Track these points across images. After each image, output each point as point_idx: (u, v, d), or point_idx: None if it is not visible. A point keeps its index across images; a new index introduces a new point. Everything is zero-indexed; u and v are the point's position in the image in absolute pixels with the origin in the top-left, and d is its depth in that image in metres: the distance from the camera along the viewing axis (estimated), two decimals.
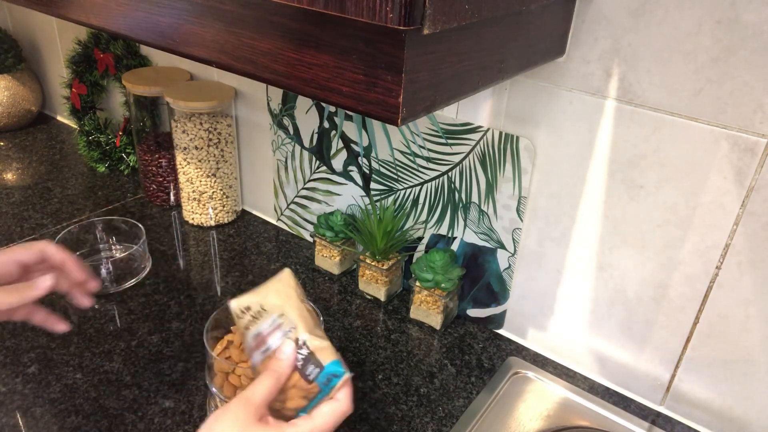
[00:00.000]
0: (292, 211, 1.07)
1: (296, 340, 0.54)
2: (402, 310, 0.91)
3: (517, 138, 0.74)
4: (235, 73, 0.51)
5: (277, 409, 0.54)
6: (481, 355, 0.83)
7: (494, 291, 0.85)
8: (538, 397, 0.77)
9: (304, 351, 0.53)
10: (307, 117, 0.95)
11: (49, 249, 0.67)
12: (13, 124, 1.44)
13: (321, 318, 0.71)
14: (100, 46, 1.19)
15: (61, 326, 0.68)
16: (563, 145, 0.71)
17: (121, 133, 1.24)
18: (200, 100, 0.97)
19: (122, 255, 0.97)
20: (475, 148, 0.78)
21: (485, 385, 0.78)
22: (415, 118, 0.43)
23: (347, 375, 0.53)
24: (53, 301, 0.88)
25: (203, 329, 0.67)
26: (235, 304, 0.57)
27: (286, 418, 0.53)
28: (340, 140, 0.93)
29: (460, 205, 0.83)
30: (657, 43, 0.61)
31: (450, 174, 0.82)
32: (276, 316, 0.55)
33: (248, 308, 0.57)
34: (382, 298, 0.92)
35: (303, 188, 1.03)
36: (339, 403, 0.53)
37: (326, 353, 0.54)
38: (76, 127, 1.35)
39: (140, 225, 0.97)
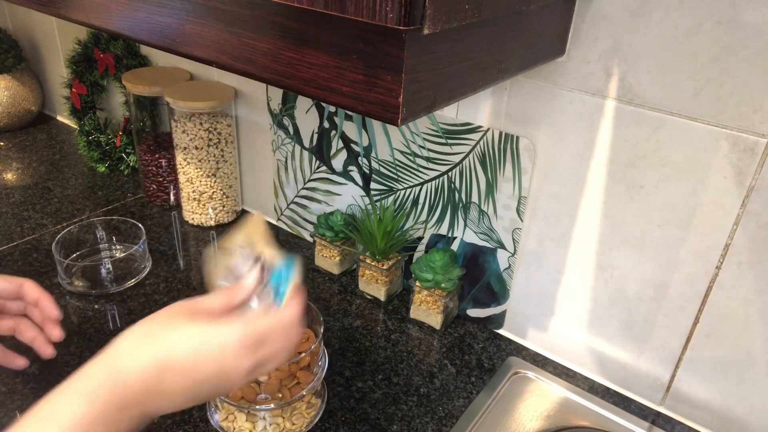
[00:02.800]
0: (292, 211, 1.07)
1: (257, 259, 0.51)
2: (402, 310, 0.91)
3: (517, 138, 0.74)
4: (235, 73, 0.51)
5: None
6: (481, 355, 0.83)
7: (494, 291, 0.85)
8: (538, 397, 0.77)
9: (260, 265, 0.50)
10: (307, 117, 0.95)
11: (27, 286, 0.67)
12: (13, 124, 1.44)
13: (321, 319, 0.71)
14: (100, 46, 1.19)
15: (20, 362, 0.68)
16: (563, 145, 0.71)
17: (121, 133, 1.24)
18: (200, 100, 0.97)
19: (122, 255, 0.97)
20: (475, 148, 0.78)
21: (485, 385, 0.78)
22: (415, 118, 0.43)
23: (294, 275, 0.48)
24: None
25: None
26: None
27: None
28: (340, 140, 0.93)
29: (460, 205, 0.83)
30: (657, 43, 0.61)
31: (450, 174, 0.82)
32: (244, 250, 0.54)
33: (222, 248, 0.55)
34: (382, 298, 0.92)
35: (303, 188, 1.03)
36: (282, 310, 0.48)
37: (278, 258, 0.50)
38: (76, 127, 1.35)
39: (140, 225, 0.97)
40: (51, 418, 0.43)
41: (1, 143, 1.39)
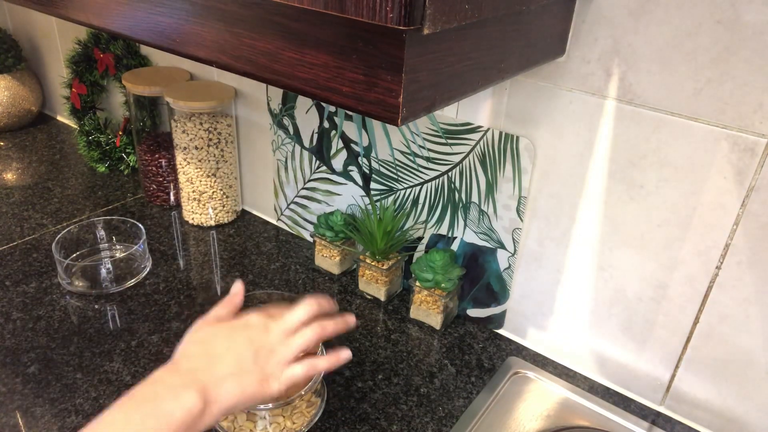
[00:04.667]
0: (292, 211, 1.07)
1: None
2: (402, 310, 0.91)
3: (517, 138, 0.74)
4: (235, 73, 0.51)
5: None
6: (481, 355, 0.83)
7: (494, 291, 0.85)
8: (538, 397, 0.77)
9: None
10: (307, 117, 0.95)
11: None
12: (13, 124, 1.44)
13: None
14: (100, 46, 1.19)
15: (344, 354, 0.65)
16: (563, 145, 0.71)
17: (121, 133, 1.24)
18: (200, 100, 0.97)
19: (122, 255, 0.97)
20: (475, 148, 0.78)
21: (485, 385, 0.78)
22: (415, 118, 0.43)
23: None
24: (54, 301, 0.88)
25: None
26: None
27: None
28: (340, 140, 0.93)
29: (460, 205, 0.83)
30: (657, 43, 0.61)
31: (450, 174, 0.82)
32: None
33: None
34: (382, 298, 0.92)
35: (303, 188, 1.03)
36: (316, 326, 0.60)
37: None
38: (76, 127, 1.35)
39: (140, 225, 0.97)
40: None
41: (1, 143, 1.39)
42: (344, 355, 0.62)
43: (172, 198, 1.15)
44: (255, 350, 0.56)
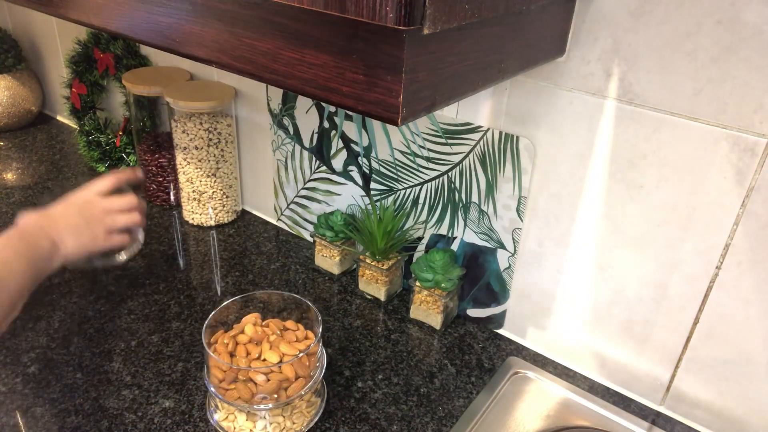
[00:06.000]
0: (292, 211, 1.07)
1: None
2: (402, 310, 0.91)
3: (517, 138, 0.74)
4: (234, 73, 0.51)
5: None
6: (481, 355, 0.83)
7: (494, 291, 0.85)
8: (538, 397, 0.77)
9: None
10: (307, 117, 0.95)
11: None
12: (13, 124, 1.44)
13: (320, 319, 0.71)
14: (100, 46, 1.19)
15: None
16: (563, 145, 0.71)
17: (121, 133, 1.24)
18: (200, 100, 0.97)
19: None
20: (475, 148, 0.78)
21: (485, 385, 0.78)
22: (415, 118, 0.43)
23: None
24: (54, 301, 0.88)
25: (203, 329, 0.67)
26: None
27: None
28: (340, 140, 0.93)
29: (460, 205, 0.83)
30: (657, 43, 0.61)
31: (450, 174, 0.82)
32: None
33: None
34: (382, 298, 0.92)
35: (303, 188, 1.03)
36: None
37: None
38: (76, 127, 1.35)
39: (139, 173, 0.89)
40: None
41: (1, 143, 1.39)
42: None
43: (172, 198, 1.15)
44: (86, 217, 0.74)
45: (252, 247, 1.05)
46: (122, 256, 0.83)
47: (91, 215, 0.75)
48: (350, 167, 0.94)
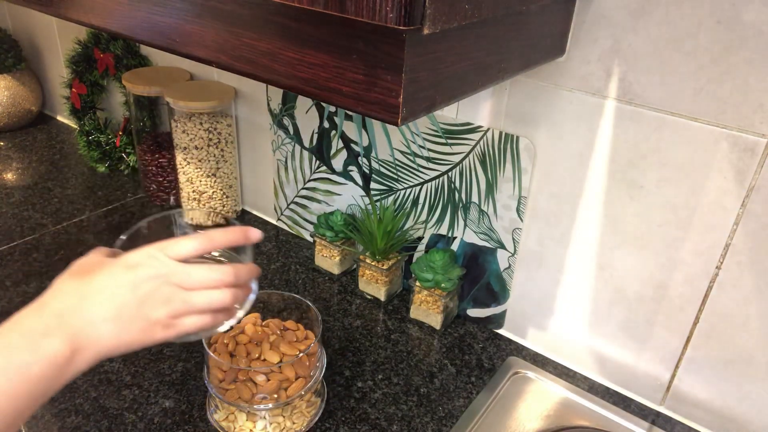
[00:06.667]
0: (292, 211, 1.07)
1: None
2: (402, 310, 0.91)
3: (517, 138, 0.74)
4: (235, 73, 0.51)
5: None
6: (481, 355, 0.83)
7: (494, 291, 0.85)
8: (538, 397, 0.77)
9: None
10: (307, 117, 0.95)
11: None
12: (13, 124, 1.44)
13: (320, 319, 0.71)
14: (100, 46, 1.19)
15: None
16: (563, 145, 0.71)
17: (121, 133, 1.24)
18: (200, 100, 0.97)
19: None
20: (475, 148, 0.78)
21: (485, 385, 0.78)
22: (415, 118, 0.43)
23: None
24: None
25: None
26: None
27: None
28: (340, 140, 0.93)
29: (460, 205, 0.83)
30: (657, 43, 0.61)
31: (450, 174, 0.82)
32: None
33: None
34: (382, 298, 0.92)
35: (303, 188, 1.03)
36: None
37: None
38: (76, 127, 1.35)
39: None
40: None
41: (1, 143, 1.39)
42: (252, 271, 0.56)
43: (172, 198, 1.15)
44: (140, 297, 0.48)
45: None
46: (223, 326, 0.56)
47: (152, 293, 0.49)
48: (350, 167, 0.94)
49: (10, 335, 0.45)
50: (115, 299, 0.48)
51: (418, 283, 0.85)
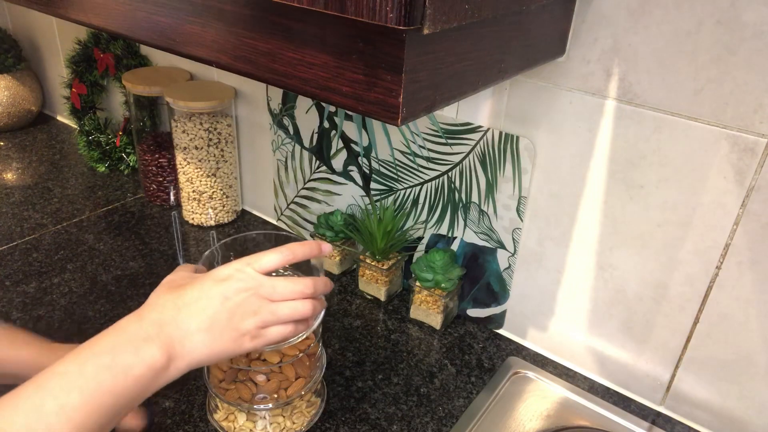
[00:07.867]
0: (292, 211, 1.07)
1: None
2: (402, 310, 0.91)
3: (517, 138, 0.74)
4: (235, 73, 0.51)
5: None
6: (481, 355, 0.83)
7: (494, 291, 0.85)
8: (538, 397, 0.77)
9: None
10: (307, 117, 0.95)
11: None
12: (13, 124, 1.44)
13: (325, 304, 0.69)
14: (100, 46, 1.19)
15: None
16: (563, 144, 0.71)
17: (121, 133, 1.24)
18: (200, 100, 0.97)
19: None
20: (475, 148, 0.78)
21: (485, 385, 0.78)
22: (415, 118, 0.43)
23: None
24: (54, 301, 0.88)
25: None
26: None
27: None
28: (340, 140, 0.93)
29: (460, 205, 0.83)
30: (657, 43, 0.61)
31: (450, 174, 0.82)
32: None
33: None
34: (382, 298, 0.92)
35: (303, 188, 1.03)
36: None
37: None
38: (76, 127, 1.35)
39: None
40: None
41: (1, 143, 1.39)
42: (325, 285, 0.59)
43: (172, 198, 1.15)
44: (230, 308, 0.51)
45: (252, 247, 1.04)
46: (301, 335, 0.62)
47: (242, 305, 0.52)
48: (350, 167, 0.94)
49: (116, 337, 0.49)
50: (208, 311, 0.51)
51: (418, 283, 0.85)
